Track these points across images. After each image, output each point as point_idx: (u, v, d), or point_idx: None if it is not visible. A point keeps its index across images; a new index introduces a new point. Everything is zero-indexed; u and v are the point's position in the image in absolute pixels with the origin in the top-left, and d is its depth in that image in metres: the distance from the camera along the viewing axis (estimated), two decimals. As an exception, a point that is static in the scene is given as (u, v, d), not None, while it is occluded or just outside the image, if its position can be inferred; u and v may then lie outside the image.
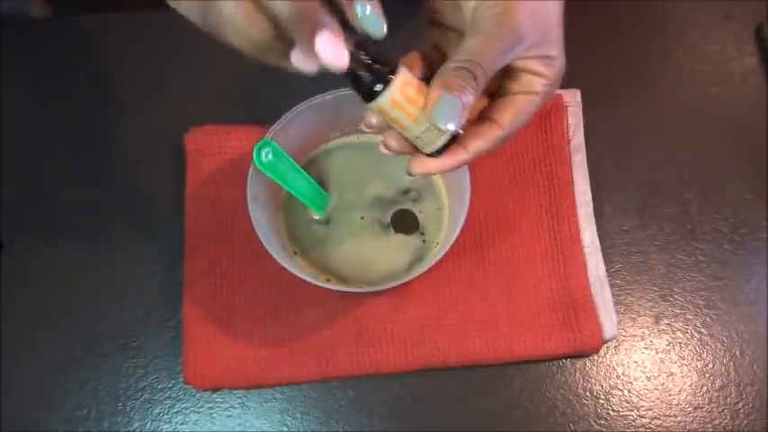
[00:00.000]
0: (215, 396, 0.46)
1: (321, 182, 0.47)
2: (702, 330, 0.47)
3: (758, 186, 0.51)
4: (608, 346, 0.47)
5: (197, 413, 0.45)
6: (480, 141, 0.34)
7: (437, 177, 0.48)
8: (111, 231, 0.49)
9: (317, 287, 0.41)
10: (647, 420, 0.45)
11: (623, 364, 0.47)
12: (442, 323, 0.46)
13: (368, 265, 0.46)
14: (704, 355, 0.47)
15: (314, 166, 0.48)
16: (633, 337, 0.47)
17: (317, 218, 0.47)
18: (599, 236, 0.48)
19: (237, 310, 0.46)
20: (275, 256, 0.40)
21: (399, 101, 0.31)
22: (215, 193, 0.48)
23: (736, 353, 0.47)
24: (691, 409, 0.46)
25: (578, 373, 0.46)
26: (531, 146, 0.50)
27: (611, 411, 0.45)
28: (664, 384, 0.46)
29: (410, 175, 0.35)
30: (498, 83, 0.35)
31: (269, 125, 0.43)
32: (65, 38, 0.54)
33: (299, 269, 0.41)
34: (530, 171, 0.49)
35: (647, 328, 0.48)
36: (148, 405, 0.45)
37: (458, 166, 0.34)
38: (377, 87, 0.31)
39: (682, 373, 0.46)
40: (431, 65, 0.34)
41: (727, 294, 0.48)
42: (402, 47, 0.34)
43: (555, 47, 0.34)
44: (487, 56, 0.31)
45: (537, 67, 0.33)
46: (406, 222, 0.47)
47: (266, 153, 0.42)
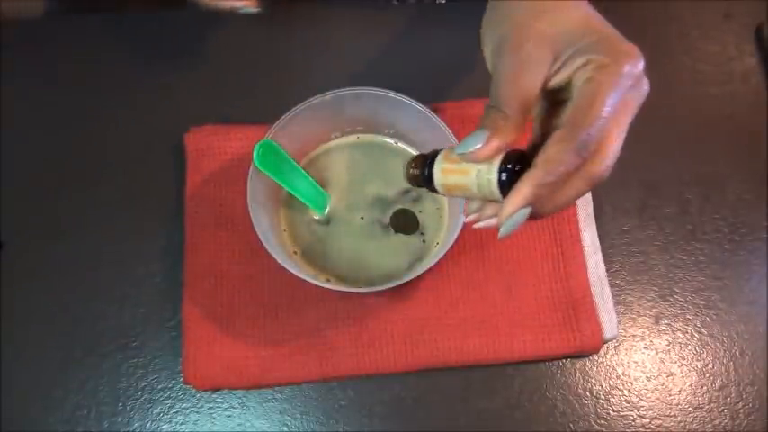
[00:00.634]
0: (215, 396, 0.46)
1: (321, 182, 0.47)
2: (702, 330, 0.47)
3: (758, 186, 0.51)
4: (608, 346, 0.47)
5: (197, 413, 0.45)
6: (551, 147, 0.31)
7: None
8: (111, 231, 0.49)
9: (317, 287, 0.41)
10: (647, 420, 0.45)
11: (623, 364, 0.47)
12: (441, 323, 0.46)
13: (368, 265, 0.46)
14: (704, 355, 0.47)
15: (314, 166, 0.48)
16: (633, 337, 0.47)
17: (317, 218, 0.47)
18: (599, 236, 0.48)
19: (237, 310, 0.46)
20: (275, 256, 0.40)
21: (447, 168, 0.35)
22: (215, 193, 0.48)
23: (736, 353, 0.47)
24: (691, 409, 0.46)
25: (578, 373, 0.46)
26: (531, 146, 0.50)
27: (611, 411, 0.45)
28: (664, 384, 0.46)
29: (502, 232, 0.33)
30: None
31: (269, 125, 0.43)
32: (65, 38, 0.54)
33: (298, 269, 0.41)
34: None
35: (647, 328, 0.48)
36: (148, 405, 0.45)
37: (540, 184, 0.31)
38: (427, 173, 0.36)
39: (682, 373, 0.46)
40: None
41: (727, 294, 0.48)
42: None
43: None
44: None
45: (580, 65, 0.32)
46: (406, 222, 0.47)
47: (266, 153, 0.42)
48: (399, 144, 0.49)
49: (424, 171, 0.36)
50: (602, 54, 0.32)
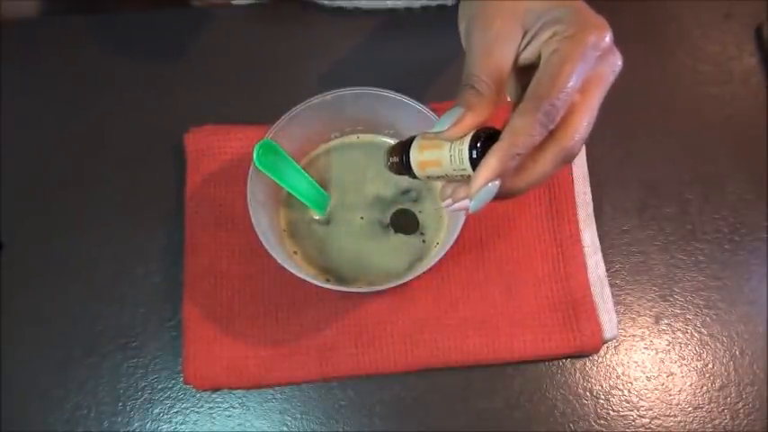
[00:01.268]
0: (215, 396, 0.46)
1: (321, 182, 0.47)
2: (702, 330, 0.47)
3: (758, 186, 0.51)
4: (608, 346, 0.47)
5: (197, 413, 0.45)
6: (515, 118, 0.31)
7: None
8: (111, 231, 0.49)
9: (317, 287, 0.41)
10: (647, 420, 0.45)
11: (623, 364, 0.47)
12: (441, 323, 0.46)
13: (368, 265, 0.46)
14: (704, 355, 0.47)
15: (314, 166, 0.48)
16: (633, 337, 0.47)
17: (317, 218, 0.47)
18: (599, 236, 0.48)
19: (237, 310, 0.46)
20: (275, 256, 0.40)
21: (422, 145, 0.35)
22: (215, 193, 0.48)
23: (736, 353, 0.47)
24: (691, 409, 0.46)
25: (578, 373, 0.46)
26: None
27: (611, 411, 0.45)
28: (664, 384, 0.46)
29: (472, 206, 0.33)
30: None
31: (269, 125, 0.43)
32: (64, 38, 0.54)
33: (298, 269, 0.41)
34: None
35: (647, 328, 0.48)
36: (148, 405, 0.45)
37: (506, 156, 0.31)
38: (405, 162, 0.36)
39: (682, 373, 0.46)
40: None
41: (727, 294, 0.48)
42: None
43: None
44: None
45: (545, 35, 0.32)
46: (405, 222, 0.47)
47: (266, 153, 0.42)
48: (399, 144, 0.49)
49: (402, 156, 0.36)
50: (568, 25, 0.32)
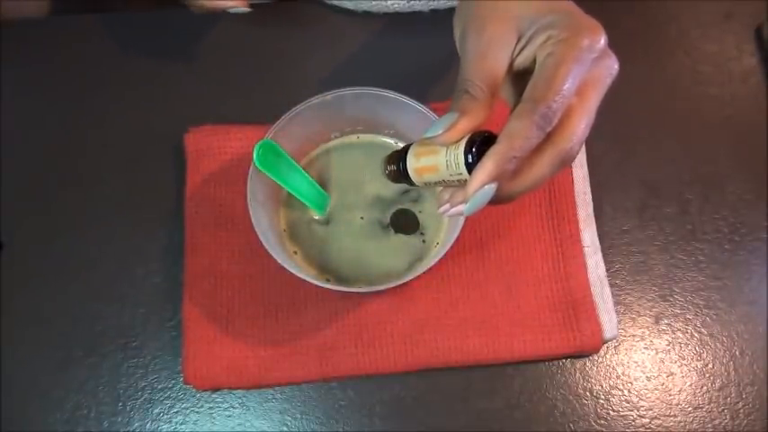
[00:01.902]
0: (215, 396, 0.46)
1: (321, 182, 0.47)
2: (702, 330, 0.47)
3: (758, 186, 0.51)
4: (608, 346, 0.47)
5: (197, 413, 0.45)
6: (512, 122, 0.31)
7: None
8: (111, 231, 0.49)
9: (316, 287, 0.41)
10: (647, 420, 0.45)
11: (623, 364, 0.47)
12: (441, 323, 0.46)
13: (368, 265, 0.46)
14: (704, 355, 0.47)
15: (314, 166, 0.48)
16: (633, 337, 0.47)
17: (317, 218, 0.47)
18: (599, 236, 0.48)
19: (237, 310, 0.46)
20: (275, 256, 0.40)
21: (418, 152, 0.35)
22: (215, 193, 0.48)
23: (736, 353, 0.47)
24: (691, 409, 0.46)
25: (578, 373, 0.46)
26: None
27: (611, 411, 0.45)
28: (664, 384, 0.46)
29: (467, 209, 0.33)
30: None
31: (269, 125, 0.43)
32: (65, 38, 0.54)
33: (299, 269, 0.41)
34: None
35: (647, 328, 0.48)
36: (148, 405, 0.45)
37: (503, 159, 0.31)
38: (402, 169, 0.37)
39: (682, 373, 0.46)
40: None
41: (727, 294, 0.48)
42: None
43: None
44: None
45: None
46: (406, 222, 0.47)
47: (266, 153, 0.42)
48: (399, 144, 0.49)
49: (399, 164, 0.36)
50: (561, 29, 0.32)
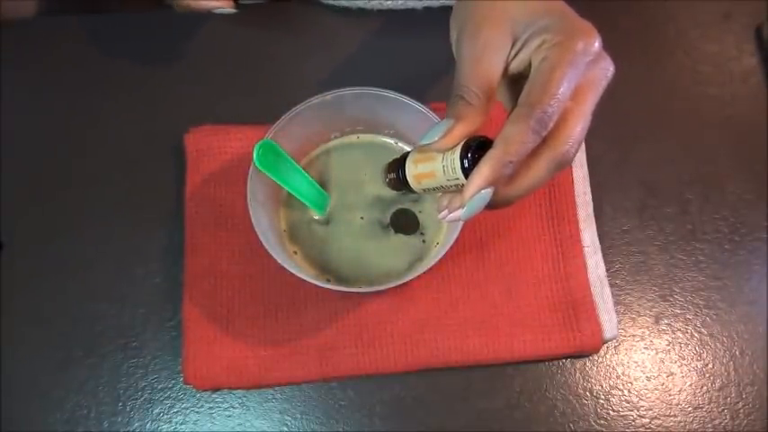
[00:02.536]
0: (215, 396, 0.46)
1: (321, 182, 0.47)
2: (702, 330, 0.47)
3: (758, 186, 0.51)
4: (608, 346, 0.47)
5: (197, 413, 0.45)
6: (507, 126, 0.31)
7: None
8: (111, 231, 0.49)
9: (316, 287, 0.41)
10: (647, 420, 0.45)
11: (623, 364, 0.47)
12: (442, 323, 0.46)
13: (368, 265, 0.46)
14: (704, 355, 0.47)
15: (314, 166, 0.48)
16: (633, 337, 0.47)
17: (317, 218, 0.47)
18: (599, 236, 0.48)
19: (237, 310, 0.46)
20: (275, 256, 0.40)
21: (416, 158, 0.36)
22: (215, 193, 0.48)
23: (736, 353, 0.47)
24: (691, 409, 0.46)
25: (578, 373, 0.46)
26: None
27: (611, 411, 0.45)
28: (664, 384, 0.46)
29: (463, 214, 0.33)
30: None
31: (269, 125, 0.43)
32: (64, 38, 0.54)
33: (299, 269, 0.41)
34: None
35: (647, 328, 0.48)
36: (148, 405, 0.45)
37: (499, 164, 0.31)
38: (402, 176, 0.37)
39: (682, 373, 0.46)
40: None
41: (727, 294, 0.48)
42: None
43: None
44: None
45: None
46: (406, 222, 0.47)
47: (266, 153, 0.42)
48: (399, 144, 0.49)
49: (398, 171, 0.37)
50: (556, 33, 0.32)
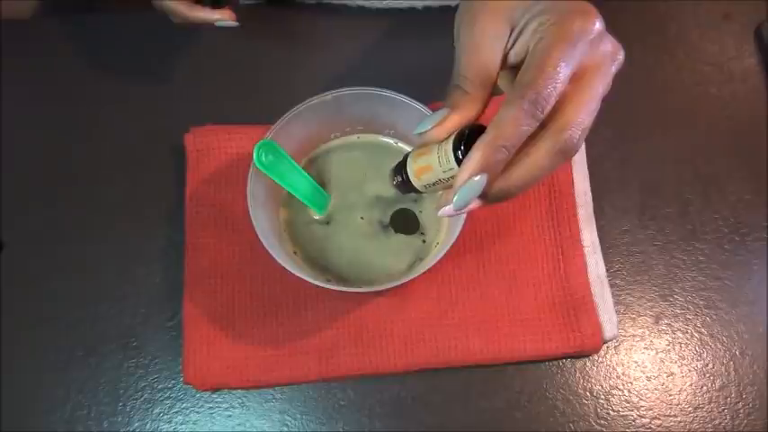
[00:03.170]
0: (215, 396, 0.46)
1: (321, 182, 0.47)
2: (702, 330, 0.47)
3: (758, 186, 0.51)
4: (608, 346, 0.47)
5: (197, 413, 0.45)
6: (501, 110, 0.30)
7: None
8: (111, 231, 0.49)
9: (316, 287, 0.41)
10: (647, 420, 0.45)
11: (623, 364, 0.47)
12: (442, 323, 0.46)
13: (368, 265, 0.46)
14: (704, 355, 0.47)
15: (314, 166, 0.48)
16: (633, 337, 0.47)
17: (317, 218, 0.47)
18: (599, 236, 0.48)
19: (237, 310, 0.46)
20: (275, 256, 0.40)
21: (416, 153, 0.36)
22: (215, 194, 0.48)
23: (736, 353, 0.47)
24: (691, 409, 0.46)
25: (578, 373, 0.46)
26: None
27: (611, 411, 0.45)
28: (664, 384, 0.46)
29: (455, 201, 0.32)
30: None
31: (269, 125, 0.43)
32: (64, 38, 0.54)
33: (299, 269, 0.41)
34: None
35: (647, 328, 0.48)
36: (148, 405, 0.45)
37: (491, 148, 0.30)
38: (405, 176, 0.37)
39: (682, 373, 0.46)
40: None
41: (727, 294, 0.48)
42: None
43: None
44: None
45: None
46: (406, 222, 0.47)
47: (266, 153, 0.42)
48: (399, 144, 0.49)
49: (402, 172, 0.36)
50: (552, 14, 0.31)
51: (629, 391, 0.46)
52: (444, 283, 0.47)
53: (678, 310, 0.48)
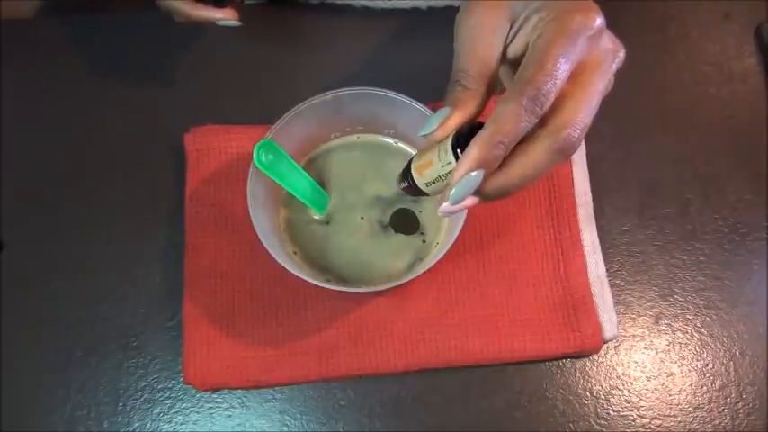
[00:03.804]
0: (215, 396, 0.46)
1: (321, 182, 0.47)
2: (702, 330, 0.47)
3: (758, 186, 0.51)
4: (608, 346, 0.47)
5: (197, 413, 0.45)
6: (499, 106, 0.30)
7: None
8: (111, 231, 0.49)
9: (316, 287, 0.41)
10: (647, 420, 0.45)
11: (623, 364, 0.47)
12: (442, 323, 0.46)
13: (368, 265, 0.46)
14: (704, 355, 0.47)
15: (314, 166, 0.48)
16: (633, 337, 0.47)
17: (317, 218, 0.47)
18: (599, 236, 0.48)
19: (237, 310, 0.46)
20: (275, 256, 0.40)
21: (418, 166, 0.36)
22: (215, 194, 0.48)
23: (736, 353, 0.47)
24: (691, 409, 0.46)
25: (578, 373, 0.46)
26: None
27: (611, 411, 0.45)
28: (664, 384, 0.46)
29: (451, 196, 0.32)
30: None
31: (269, 125, 0.43)
32: (64, 38, 0.54)
33: (299, 269, 0.41)
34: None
35: (647, 328, 0.48)
36: (148, 405, 0.45)
37: (488, 144, 0.30)
38: (410, 179, 0.37)
39: (682, 373, 0.46)
40: None
41: (727, 294, 0.48)
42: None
43: None
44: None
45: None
46: (406, 222, 0.47)
47: (266, 153, 0.42)
48: (399, 144, 0.49)
49: (408, 177, 0.36)
50: (551, 9, 0.31)
51: (629, 391, 0.46)
52: (444, 283, 0.47)
53: (678, 310, 0.48)
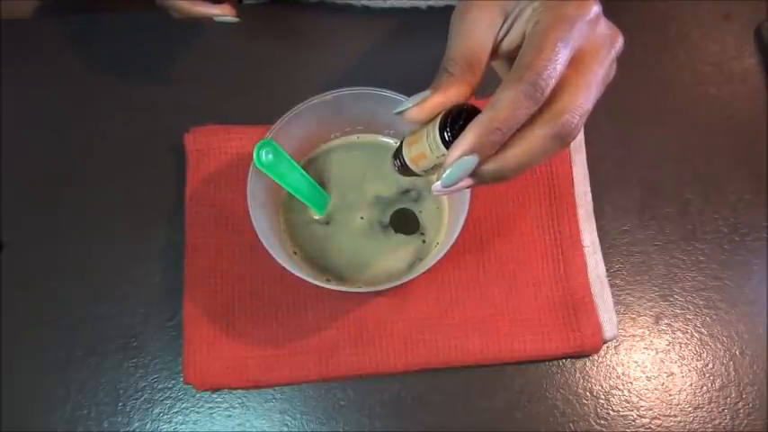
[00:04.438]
0: (215, 396, 0.46)
1: (321, 182, 0.47)
2: (702, 330, 0.47)
3: (758, 186, 0.51)
4: (608, 346, 0.47)
5: (197, 413, 0.45)
6: (498, 92, 0.29)
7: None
8: (111, 231, 0.49)
9: (316, 287, 0.41)
10: (647, 420, 0.45)
11: (623, 364, 0.47)
12: (442, 323, 0.46)
13: (368, 265, 0.46)
14: (704, 355, 0.47)
15: (314, 166, 0.48)
16: (633, 337, 0.47)
17: (317, 218, 0.47)
18: (599, 236, 0.48)
19: (237, 310, 0.46)
20: (275, 256, 0.40)
21: (408, 140, 0.34)
22: (215, 194, 0.48)
23: (736, 353, 0.47)
24: (691, 409, 0.46)
25: (578, 373, 0.46)
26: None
27: (611, 411, 0.45)
28: (664, 384, 0.46)
29: (444, 178, 0.31)
30: None
31: (269, 125, 0.43)
32: (64, 38, 0.54)
33: (299, 269, 0.41)
34: (530, 171, 0.49)
35: (647, 328, 0.48)
36: (148, 405, 0.45)
37: (485, 129, 0.30)
38: (402, 159, 0.35)
39: (682, 373, 0.46)
40: None
41: (727, 294, 0.48)
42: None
43: None
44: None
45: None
46: (406, 222, 0.47)
47: (266, 153, 0.42)
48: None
49: (400, 156, 0.35)
50: None
51: (629, 391, 0.46)
52: (444, 283, 0.47)
53: (678, 310, 0.48)
